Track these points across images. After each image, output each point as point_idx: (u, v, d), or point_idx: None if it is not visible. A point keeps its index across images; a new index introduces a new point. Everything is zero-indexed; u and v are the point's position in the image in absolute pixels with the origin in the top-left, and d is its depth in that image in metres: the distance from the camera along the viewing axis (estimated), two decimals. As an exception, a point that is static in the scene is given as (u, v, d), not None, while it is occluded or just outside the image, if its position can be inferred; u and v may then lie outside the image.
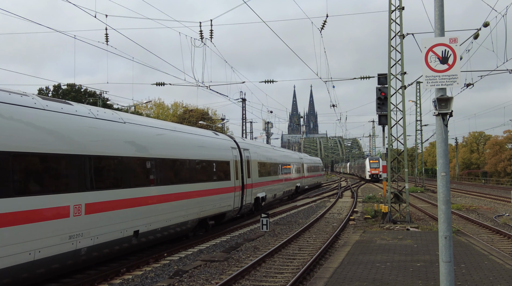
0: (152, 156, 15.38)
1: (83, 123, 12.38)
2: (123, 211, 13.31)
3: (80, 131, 12.17)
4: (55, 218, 10.69)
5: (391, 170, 23.71)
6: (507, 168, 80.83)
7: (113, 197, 12.90)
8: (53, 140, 11.20)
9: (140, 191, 14.33)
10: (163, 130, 17.30)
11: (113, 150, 13.31)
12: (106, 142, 13.21)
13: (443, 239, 7.61)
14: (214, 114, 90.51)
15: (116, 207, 13.02)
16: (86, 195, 11.77)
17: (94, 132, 12.83)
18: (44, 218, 10.37)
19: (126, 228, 13.42)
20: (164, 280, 12.60)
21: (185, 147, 18.29)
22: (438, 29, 7.85)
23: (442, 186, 7.73)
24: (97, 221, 12.08)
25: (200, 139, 20.35)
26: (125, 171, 13.75)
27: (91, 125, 12.71)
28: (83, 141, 12.12)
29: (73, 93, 61.55)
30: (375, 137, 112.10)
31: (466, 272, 11.73)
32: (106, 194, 12.58)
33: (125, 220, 13.40)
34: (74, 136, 11.88)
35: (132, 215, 13.71)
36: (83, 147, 12.01)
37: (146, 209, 14.52)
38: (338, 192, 48.33)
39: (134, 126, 15.01)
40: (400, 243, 16.42)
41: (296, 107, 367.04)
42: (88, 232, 11.70)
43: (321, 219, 26.38)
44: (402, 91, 22.74)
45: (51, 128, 11.23)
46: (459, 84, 7.57)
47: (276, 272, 13.44)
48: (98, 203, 12.21)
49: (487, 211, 31.18)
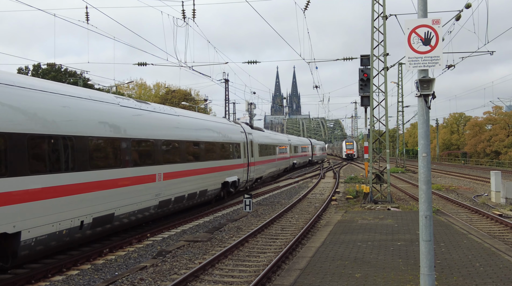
0: (201, 140, 21.27)
1: (170, 119, 18.71)
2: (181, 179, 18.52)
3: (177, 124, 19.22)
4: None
5: (373, 151, 23.91)
6: (486, 149, 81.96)
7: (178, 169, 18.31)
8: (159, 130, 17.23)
9: (195, 164, 20.10)
10: (208, 122, 23.83)
11: (174, 137, 18.49)
12: (171, 131, 18.39)
13: (424, 218, 7.73)
14: (197, 95, 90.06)
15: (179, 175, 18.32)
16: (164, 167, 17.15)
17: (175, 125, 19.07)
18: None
19: (184, 191, 18.70)
20: (147, 260, 12.64)
21: (220, 133, 24.49)
22: (421, 10, 7.87)
23: (423, 166, 7.82)
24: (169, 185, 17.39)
25: (226, 128, 26.13)
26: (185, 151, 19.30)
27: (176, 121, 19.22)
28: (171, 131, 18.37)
29: (53, 73, 60.64)
30: (357, 118, 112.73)
31: (445, 251, 11.95)
32: (173, 167, 17.89)
33: (181, 186, 18.48)
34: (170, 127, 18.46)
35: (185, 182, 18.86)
36: (167, 134, 17.75)
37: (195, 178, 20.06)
38: (321, 173, 48.67)
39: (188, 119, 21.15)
40: (381, 223, 16.64)
41: (279, 88, 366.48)
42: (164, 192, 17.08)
43: (303, 199, 26.59)
44: (385, 72, 22.82)
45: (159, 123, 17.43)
46: (441, 65, 7.62)
47: (259, 252, 13.56)
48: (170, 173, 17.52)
49: (466, 191, 31.71)
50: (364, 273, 9.88)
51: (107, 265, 12.16)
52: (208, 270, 11.46)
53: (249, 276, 11.06)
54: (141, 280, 10.64)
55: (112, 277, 11.07)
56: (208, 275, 11.15)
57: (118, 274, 11.25)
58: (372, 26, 22.60)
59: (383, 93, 23.24)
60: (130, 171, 14.81)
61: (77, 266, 12.15)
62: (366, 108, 24.49)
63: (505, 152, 77.32)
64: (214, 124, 24.34)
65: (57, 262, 12.03)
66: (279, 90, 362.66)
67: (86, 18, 20.91)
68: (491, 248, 12.34)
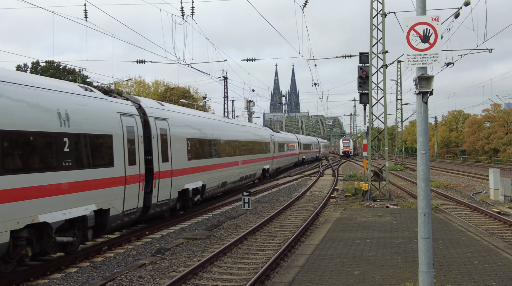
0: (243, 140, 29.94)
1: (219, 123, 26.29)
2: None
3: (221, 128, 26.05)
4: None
5: (372, 149, 23.91)
6: (485, 147, 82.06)
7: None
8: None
9: (252, 156, 30.17)
10: (254, 128, 35.50)
11: (244, 138, 29.58)
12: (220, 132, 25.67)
13: (422, 216, 7.74)
14: (196, 92, 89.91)
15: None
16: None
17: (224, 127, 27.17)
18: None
19: (248, 172, 29.62)
20: (146, 257, 12.64)
21: (260, 135, 35.64)
22: (420, 7, 7.87)
23: (421, 164, 7.83)
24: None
25: (262, 132, 37.53)
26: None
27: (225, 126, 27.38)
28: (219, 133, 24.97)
29: (52, 71, 60.59)
30: (356, 116, 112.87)
31: (444, 248, 11.97)
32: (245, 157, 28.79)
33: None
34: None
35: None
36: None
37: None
38: (320, 171, 48.67)
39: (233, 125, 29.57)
40: (379, 220, 16.66)
41: (278, 86, 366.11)
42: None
43: (302, 197, 26.60)
44: (384, 70, 22.81)
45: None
46: (440, 63, 7.62)
47: (257, 250, 13.56)
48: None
49: (465, 189, 31.73)
50: (362, 271, 9.89)
51: (105, 263, 12.16)
52: (207, 268, 11.46)
53: (248, 273, 11.06)
54: (140, 277, 10.64)
55: (110, 274, 11.07)
56: (207, 272, 11.16)
57: (117, 272, 11.24)
58: (371, 23, 22.58)
59: (382, 90, 23.24)
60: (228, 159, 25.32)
61: (75, 263, 12.14)
62: (365, 105, 24.48)
63: (504, 150, 77.43)
64: (256, 130, 35.91)
65: (56, 259, 12.03)
66: (278, 87, 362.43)
67: (84, 15, 20.87)
68: (489, 245, 12.36)
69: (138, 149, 15.09)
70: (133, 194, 14.63)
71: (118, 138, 13.98)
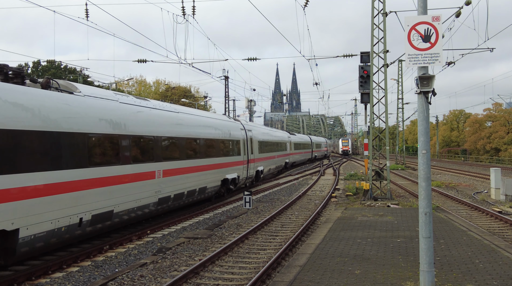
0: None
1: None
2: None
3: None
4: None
5: (373, 148, 23.92)
6: (486, 146, 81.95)
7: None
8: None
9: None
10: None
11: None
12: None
13: (423, 215, 7.75)
14: (197, 91, 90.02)
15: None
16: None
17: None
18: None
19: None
20: (148, 257, 12.66)
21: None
22: (421, 7, 7.87)
23: (422, 163, 7.83)
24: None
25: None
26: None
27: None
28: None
29: (53, 70, 60.61)
30: (357, 115, 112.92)
31: (445, 248, 11.97)
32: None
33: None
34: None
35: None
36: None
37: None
38: (321, 170, 48.68)
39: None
40: (381, 220, 16.66)
41: (279, 85, 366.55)
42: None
43: (303, 196, 26.60)
44: (385, 69, 22.82)
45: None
46: (441, 62, 7.62)
47: (259, 249, 13.57)
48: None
49: (466, 188, 31.72)
50: (364, 270, 9.90)
51: (107, 262, 12.18)
52: (208, 267, 11.47)
53: (249, 272, 11.08)
54: (141, 276, 10.66)
55: (112, 273, 11.09)
56: (208, 271, 11.17)
57: (118, 271, 11.26)
58: (372, 23, 22.58)
59: (383, 90, 23.24)
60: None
61: (77, 262, 12.16)
62: (366, 105, 24.49)
63: (505, 149, 77.31)
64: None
65: (57, 258, 12.05)
66: (279, 87, 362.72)
67: (85, 15, 20.89)
68: (490, 244, 12.36)
69: (245, 146, 28.05)
70: (245, 170, 27.85)
71: (243, 141, 27.63)
